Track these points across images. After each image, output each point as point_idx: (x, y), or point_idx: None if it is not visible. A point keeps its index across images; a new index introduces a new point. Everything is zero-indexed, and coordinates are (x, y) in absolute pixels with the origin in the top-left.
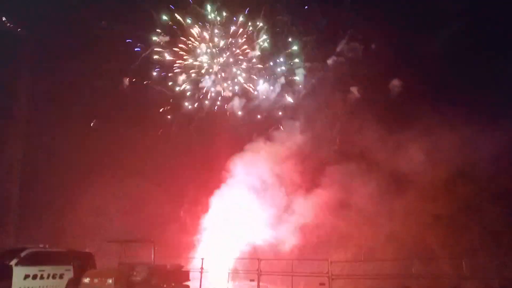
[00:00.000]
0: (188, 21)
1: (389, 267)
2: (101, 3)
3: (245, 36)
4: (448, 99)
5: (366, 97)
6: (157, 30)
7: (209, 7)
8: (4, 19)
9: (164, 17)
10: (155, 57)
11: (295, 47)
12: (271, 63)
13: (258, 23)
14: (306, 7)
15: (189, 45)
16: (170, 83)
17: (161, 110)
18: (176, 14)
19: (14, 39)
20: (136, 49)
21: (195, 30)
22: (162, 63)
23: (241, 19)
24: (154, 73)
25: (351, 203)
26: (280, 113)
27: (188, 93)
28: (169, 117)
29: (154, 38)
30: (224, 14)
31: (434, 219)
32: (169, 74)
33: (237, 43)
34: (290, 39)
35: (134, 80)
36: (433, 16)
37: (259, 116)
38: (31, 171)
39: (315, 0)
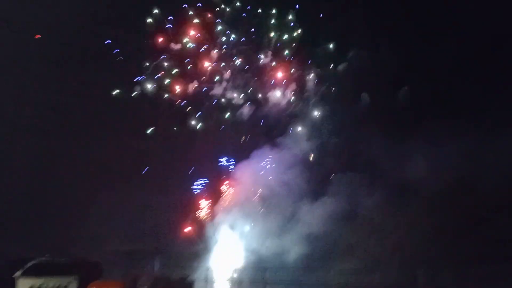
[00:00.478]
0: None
1: (395, 276)
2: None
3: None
4: (457, 109)
5: (374, 106)
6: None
7: None
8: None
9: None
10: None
11: (331, 45)
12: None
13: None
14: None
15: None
16: (166, 96)
17: (148, 132)
18: None
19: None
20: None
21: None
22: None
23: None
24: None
25: (358, 212)
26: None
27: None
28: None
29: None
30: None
31: (440, 229)
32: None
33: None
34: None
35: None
36: (443, 24)
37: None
38: (37, 180)
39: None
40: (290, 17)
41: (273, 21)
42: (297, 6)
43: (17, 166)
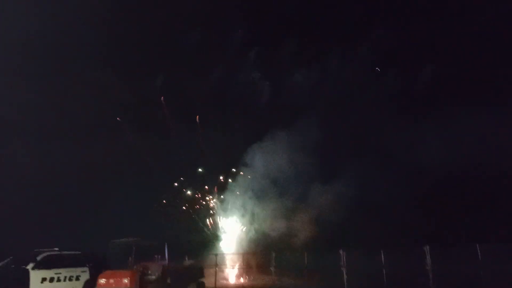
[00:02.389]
0: None
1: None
2: None
3: None
4: (474, 93)
5: (389, 89)
6: None
7: None
8: None
9: None
10: None
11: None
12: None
13: None
14: None
15: None
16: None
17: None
18: None
19: None
20: None
21: None
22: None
23: None
24: None
25: (367, 194)
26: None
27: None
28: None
29: None
30: None
31: (449, 209)
32: None
33: None
34: None
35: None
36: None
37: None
38: (45, 175)
39: None
40: None
41: None
42: None
43: (28, 166)
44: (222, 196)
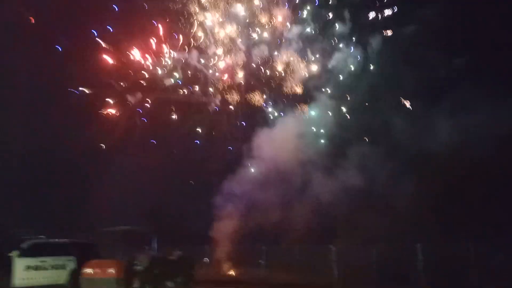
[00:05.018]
0: None
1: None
2: None
3: None
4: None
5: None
6: None
7: None
8: None
9: None
10: None
11: None
12: None
13: None
14: None
15: None
16: None
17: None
18: None
19: None
20: None
21: None
22: None
23: None
24: None
25: (366, 186)
26: None
27: None
28: None
29: None
30: None
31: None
32: None
33: None
34: None
35: None
36: None
37: None
38: (33, 164)
39: None
40: None
41: None
42: None
43: (16, 148)
44: None
